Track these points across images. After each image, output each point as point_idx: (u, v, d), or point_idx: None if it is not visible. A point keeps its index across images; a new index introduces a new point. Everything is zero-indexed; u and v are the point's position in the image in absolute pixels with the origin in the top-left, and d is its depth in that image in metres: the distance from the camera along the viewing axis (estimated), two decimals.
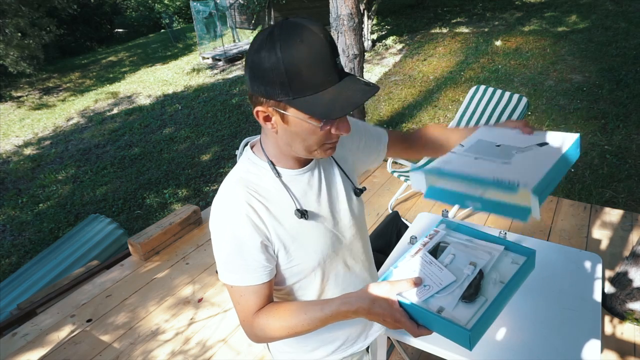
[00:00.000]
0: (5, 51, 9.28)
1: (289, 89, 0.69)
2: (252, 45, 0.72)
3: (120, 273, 2.83)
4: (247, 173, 0.84)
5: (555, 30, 7.72)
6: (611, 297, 2.20)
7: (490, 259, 0.80)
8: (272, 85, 0.70)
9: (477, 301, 0.73)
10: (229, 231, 0.79)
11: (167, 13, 18.67)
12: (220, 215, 0.81)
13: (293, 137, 0.77)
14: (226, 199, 0.81)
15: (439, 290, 0.74)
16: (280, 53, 0.67)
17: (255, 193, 0.82)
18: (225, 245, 0.80)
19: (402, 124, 5.28)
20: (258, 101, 0.74)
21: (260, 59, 0.69)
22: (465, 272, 0.77)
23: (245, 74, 0.75)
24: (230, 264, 0.81)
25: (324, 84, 0.69)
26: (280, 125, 0.76)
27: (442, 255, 0.83)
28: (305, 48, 0.67)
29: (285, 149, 0.82)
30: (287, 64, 0.67)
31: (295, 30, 0.68)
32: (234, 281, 0.81)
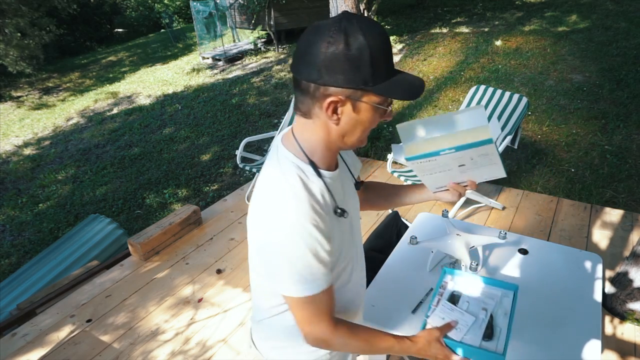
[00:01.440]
0: (5, 51, 9.28)
1: (372, 75, 0.73)
2: (317, 38, 0.73)
3: (120, 273, 2.83)
4: (299, 180, 0.81)
5: (556, 30, 7.71)
6: (611, 297, 2.20)
7: (495, 303, 1.08)
8: (354, 73, 0.72)
9: (494, 335, 1.02)
10: (304, 240, 0.78)
11: (167, 13, 18.67)
12: (290, 228, 0.78)
13: (356, 126, 0.80)
14: (292, 212, 0.78)
15: (467, 329, 1.02)
16: (365, 41, 0.71)
17: (313, 197, 0.81)
18: (303, 255, 0.79)
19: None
20: (327, 93, 0.75)
21: (337, 48, 0.71)
22: (480, 316, 1.06)
23: (310, 68, 0.74)
24: (310, 273, 0.81)
25: (392, 72, 0.77)
26: (348, 114, 0.78)
27: (460, 303, 1.10)
28: (382, 37, 0.74)
29: (337, 141, 0.83)
30: (372, 51, 0.72)
31: (369, 22, 0.74)
32: (316, 288, 0.82)
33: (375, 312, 1.43)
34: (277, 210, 0.79)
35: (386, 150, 4.33)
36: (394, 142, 4.61)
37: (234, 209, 3.48)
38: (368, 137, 0.88)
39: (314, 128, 0.82)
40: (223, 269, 2.80)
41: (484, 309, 1.06)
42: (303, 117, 0.82)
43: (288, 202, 0.79)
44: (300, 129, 0.84)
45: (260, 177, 0.87)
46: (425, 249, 1.63)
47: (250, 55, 10.03)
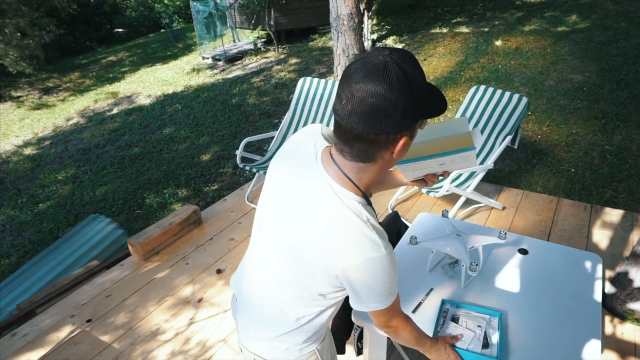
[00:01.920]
0: (5, 51, 9.29)
1: (430, 103, 0.81)
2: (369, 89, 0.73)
3: (120, 273, 2.83)
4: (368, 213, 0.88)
5: (556, 30, 7.71)
6: (611, 297, 2.20)
7: (486, 322, 1.37)
8: (420, 110, 0.79)
9: (489, 345, 1.29)
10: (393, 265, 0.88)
11: (167, 13, 18.67)
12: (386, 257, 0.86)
13: (405, 152, 0.86)
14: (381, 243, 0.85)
15: (469, 341, 1.30)
16: (420, 78, 0.77)
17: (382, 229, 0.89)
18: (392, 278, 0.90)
19: None
20: (400, 135, 0.80)
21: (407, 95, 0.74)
22: (477, 332, 1.33)
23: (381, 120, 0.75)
24: (393, 288, 0.93)
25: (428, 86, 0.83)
26: (407, 144, 0.83)
27: (460, 322, 1.37)
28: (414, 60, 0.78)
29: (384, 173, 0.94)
30: (427, 84, 0.80)
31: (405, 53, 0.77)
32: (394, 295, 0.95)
33: None
34: (368, 246, 0.85)
35: None
36: None
37: (234, 209, 3.48)
38: None
39: (373, 169, 0.86)
40: (223, 269, 2.80)
41: (479, 326, 1.35)
42: (362, 162, 0.84)
43: (375, 238, 0.85)
44: (355, 171, 0.86)
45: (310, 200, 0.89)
46: (425, 249, 1.63)
47: (250, 55, 10.03)
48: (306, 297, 0.97)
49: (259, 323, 1.06)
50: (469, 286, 1.53)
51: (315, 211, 0.88)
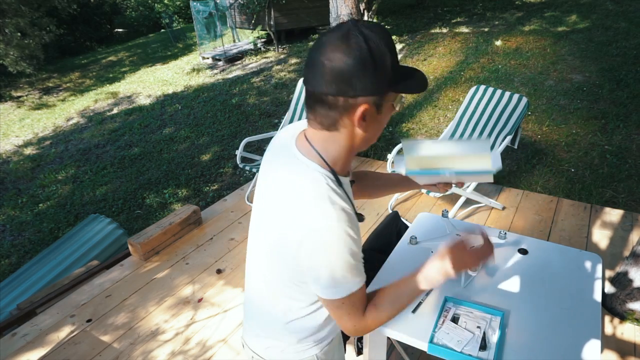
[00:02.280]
0: (5, 51, 9.29)
1: (392, 77, 0.78)
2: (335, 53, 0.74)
3: (120, 273, 2.83)
4: (330, 190, 0.83)
5: (556, 30, 7.72)
6: (611, 297, 2.20)
7: (486, 323, 1.35)
8: (381, 78, 0.76)
9: (487, 347, 1.26)
10: (349, 245, 0.81)
11: (167, 13, 18.68)
12: (338, 236, 0.80)
13: (379, 126, 0.85)
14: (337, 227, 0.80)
15: (466, 342, 1.28)
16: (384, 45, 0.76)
17: (342, 203, 0.83)
18: (347, 255, 0.82)
19: (402, 123, 5.28)
20: (358, 103, 0.78)
21: (363, 58, 0.74)
22: (476, 333, 1.31)
23: (340, 82, 0.76)
24: (353, 270, 0.84)
25: (401, 67, 0.81)
26: (374, 118, 0.81)
27: (460, 322, 1.36)
28: (389, 36, 0.78)
29: (360, 147, 0.87)
30: (390, 52, 0.77)
31: (375, 25, 0.77)
32: (356, 284, 0.86)
33: None
34: (316, 215, 0.80)
35: (386, 150, 4.33)
36: (393, 142, 4.62)
37: (234, 209, 3.48)
38: None
39: (339, 139, 0.84)
40: (223, 269, 2.81)
41: (478, 327, 1.33)
42: (326, 130, 0.83)
43: (327, 207, 0.80)
44: (321, 141, 0.85)
45: (280, 181, 0.88)
46: (425, 249, 1.63)
47: (250, 55, 10.03)
48: (284, 287, 0.93)
49: (255, 320, 1.07)
50: (468, 286, 1.53)
51: (283, 188, 0.87)
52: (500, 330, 1.32)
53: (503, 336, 1.32)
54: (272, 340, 1.03)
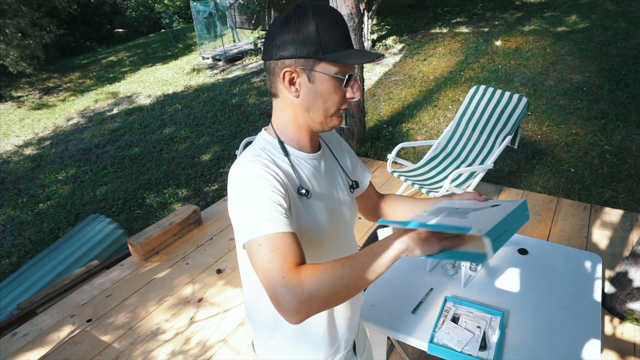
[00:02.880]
0: (5, 51, 9.29)
1: (320, 45, 0.79)
2: (277, 22, 0.82)
3: (120, 273, 2.83)
4: (264, 150, 0.87)
5: (555, 30, 7.72)
6: (611, 297, 2.20)
7: (486, 323, 1.36)
8: (304, 45, 0.79)
9: (487, 347, 1.28)
10: (257, 183, 0.78)
11: (167, 13, 18.67)
12: (246, 174, 0.80)
13: (316, 98, 0.83)
14: (249, 166, 0.81)
15: (466, 343, 1.29)
16: (312, 17, 0.79)
17: (272, 164, 0.84)
18: (253, 197, 0.77)
19: (402, 123, 5.28)
20: (284, 65, 0.81)
21: (290, 27, 0.79)
22: (476, 332, 1.32)
23: (269, 46, 0.82)
24: (261, 213, 0.75)
25: (345, 46, 0.82)
26: (305, 86, 0.82)
27: (460, 322, 1.37)
28: (330, 14, 0.81)
29: (303, 117, 0.86)
30: (318, 24, 0.79)
31: (321, 6, 0.81)
32: (271, 229, 0.74)
33: (375, 312, 1.43)
34: (237, 163, 0.83)
35: (386, 150, 4.33)
36: (393, 142, 4.62)
37: None
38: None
39: (282, 107, 0.88)
40: (223, 269, 2.81)
41: (478, 327, 1.34)
42: (274, 98, 0.88)
43: (247, 157, 0.84)
44: (274, 111, 0.90)
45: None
46: None
47: (250, 55, 10.04)
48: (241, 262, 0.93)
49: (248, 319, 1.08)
50: (468, 286, 1.54)
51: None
52: (500, 330, 1.32)
53: (503, 336, 1.32)
54: (257, 333, 1.02)
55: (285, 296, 0.69)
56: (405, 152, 4.53)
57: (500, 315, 1.37)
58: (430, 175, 3.20)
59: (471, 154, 3.29)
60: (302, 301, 0.68)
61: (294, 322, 0.70)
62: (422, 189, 2.91)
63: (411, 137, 4.94)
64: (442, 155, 3.42)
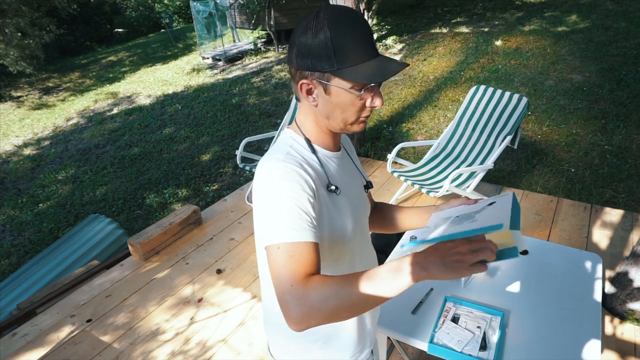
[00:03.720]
0: (5, 51, 9.29)
1: (334, 60, 0.77)
2: (299, 27, 0.81)
3: (120, 273, 2.83)
4: (292, 148, 0.87)
5: (556, 30, 7.71)
6: (611, 297, 2.20)
7: (486, 323, 1.36)
8: (319, 58, 0.78)
9: (487, 347, 1.28)
10: (286, 187, 0.77)
11: (167, 13, 18.67)
12: (276, 174, 0.79)
13: (334, 109, 0.83)
14: (276, 165, 0.81)
15: (466, 343, 1.29)
16: (328, 29, 0.77)
17: (303, 162, 0.84)
18: (279, 201, 0.77)
19: (402, 123, 5.28)
20: (302, 75, 0.82)
21: (308, 36, 0.78)
22: (476, 333, 1.32)
23: (291, 52, 0.83)
24: (284, 219, 0.75)
25: (363, 57, 0.78)
26: (322, 97, 0.83)
27: (460, 322, 1.37)
28: (347, 21, 0.78)
29: (324, 122, 0.87)
30: (333, 38, 0.77)
31: (340, 11, 0.79)
32: (293, 237, 0.74)
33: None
34: (266, 160, 0.83)
35: (386, 150, 4.33)
36: (393, 142, 4.62)
37: (234, 209, 3.48)
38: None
39: (305, 110, 0.89)
40: (223, 269, 2.81)
41: (479, 327, 1.35)
42: (298, 101, 0.90)
43: (278, 155, 0.83)
44: (298, 112, 0.92)
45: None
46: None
47: (250, 55, 10.03)
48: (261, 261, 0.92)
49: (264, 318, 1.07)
50: (469, 286, 1.53)
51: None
52: (501, 330, 1.32)
53: (503, 336, 1.32)
54: (276, 336, 1.00)
55: (290, 304, 0.70)
56: (405, 152, 4.53)
57: (500, 315, 1.37)
58: (431, 175, 3.19)
59: (471, 154, 3.29)
60: (304, 313, 0.69)
61: (295, 330, 0.71)
62: (422, 189, 2.91)
63: (411, 137, 4.94)
64: (442, 155, 3.41)
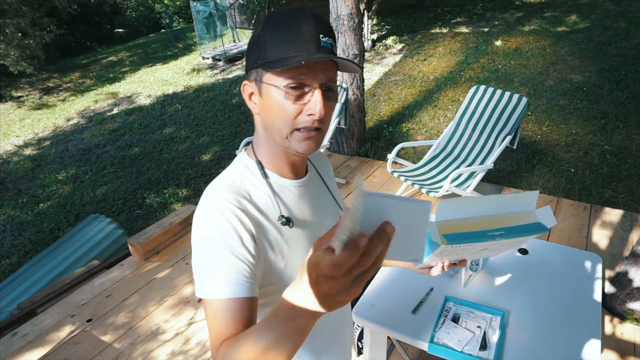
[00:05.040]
0: (5, 51, 9.28)
1: (265, 51, 0.70)
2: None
3: (120, 273, 2.83)
4: (239, 176, 0.80)
5: (555, 30, 7.72)
6: (611, 297, 2.20)
7: (486, 323, 1.36)
8: (252, 53, 0.73)
9: (487, 347, 1.28)
10: (214, 233, 0.70)
11: (167, 13, 18.67)
12: (205, 217, 0.72)
13: (267, 114, 0.73)
14: (212, 201, 0.73)
15: (466, 343, 1.28)
16: (265, 24, 0.72)
17: (246, 195, 0.76)
18: (208, 248, 0.70)
19: (402, 123, 5.28)
20: (246, 77, 0.77)
21: (252, 35, 0.75)
22: (476, 332, 1.32)
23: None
24: (211, 270, 0.68)
25: (298, 50, 0.68)
26: (259, 99, 0.75)
27: (460, 322, 1.37)
28: (288, 16, 0.71)
29: (270, 137, 0.76)
30: (266, 28, 0.71)
31: (286, 10, 0.73)
32: (211, 293, 0.68)
33: (375, 312, 1.43)
34: (202, 203, 0.74)
35: (386, 150, 4.33)
36: (393, 142, 4.62)
37: None
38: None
39: (256, 126, 0.81)
40: None
41: (479, 327, 1.35)
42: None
43: (215, 192, 0.74)
44: (255, 130, 0.83)
45: None
46: None
47: None
48: None
49: None
50: (469, 286, 1.54)
51: None
52: (501, 330, 1.32)
53: (503, 336, 1.32)
54: None
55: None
56: (405, 152, 4.53)
57: (501, 315, 1.37)
58: (431, 175, 3.20)
59: (471, 154, 3.29)
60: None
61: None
62: (422, 189, 2.91)
63: (411, 137, 4.94)
64: (442, 155, 3.42)
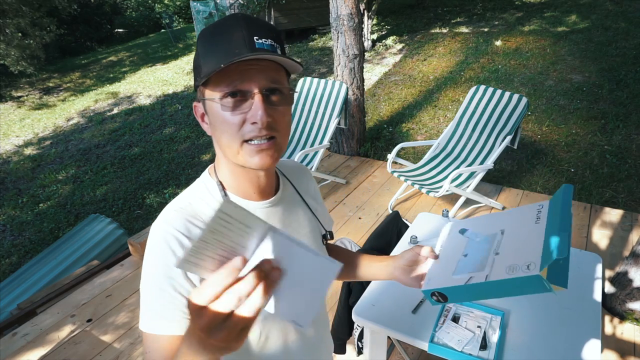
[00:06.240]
0: (6, 51, 9.29)
1: (201, 71, 0.66)
2: None
3: (121, 273, 2.83)
4: (196, 198, 0.74)
5: (555, 30, 7.72)
6: (611, 297, 2.21)
7: (486, 323, 1.36)
8: (195, 72, 0.69)
9: (487, 347, 1.28)
10: (157, 262, 0.67)
11: (167, 13, 18.68)
12: (150, 245, 0.68)
13: (216, 130, 0.69)
14: (159, 228, 0.69)
15: (466, 343, 1.29)
16: (198, 40, 0.68)
17: (199, 220, 0.70)
18: (149, 279, 0.67)
19: (402, 123, 5.28)
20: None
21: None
22: (476, 332, 1.33)
23: None
24: (149, 302, 0.67)
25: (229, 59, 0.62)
26: (208, 119, 0.70)
27: (460, 321, 1.38)
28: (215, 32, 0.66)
29: (224, 155, 0.72)
30: (201, 41, 0.67)
31: (214, 22, 0.68)
32: (145, 326, 0.66)
33: (375, 312, 1.43)
34: (152, 228, 0.70)
35: (386, 151, 4.33)
36: (393, 142, 4.62)
37: None
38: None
39: (214, 146, 0.75)
40: None
41: (479, 327, 1.36)
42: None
43: (164, 216, 0.70)
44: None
45: None
46: None
47: None
48: None
49: None
50: None
51: None
52: (501, 330, 1.32)
53: (503, 336, 1.32)
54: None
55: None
56: (405, 152, 4.53)
57: (501, 315, 1.37)
58: (431, 175, 3.20)
59: (471, 154, 3.29)
60: None
61: None
62: (422, 189, 2.91)
63: (411, 137, 4.94)
64: (442, 155, 3.42)
